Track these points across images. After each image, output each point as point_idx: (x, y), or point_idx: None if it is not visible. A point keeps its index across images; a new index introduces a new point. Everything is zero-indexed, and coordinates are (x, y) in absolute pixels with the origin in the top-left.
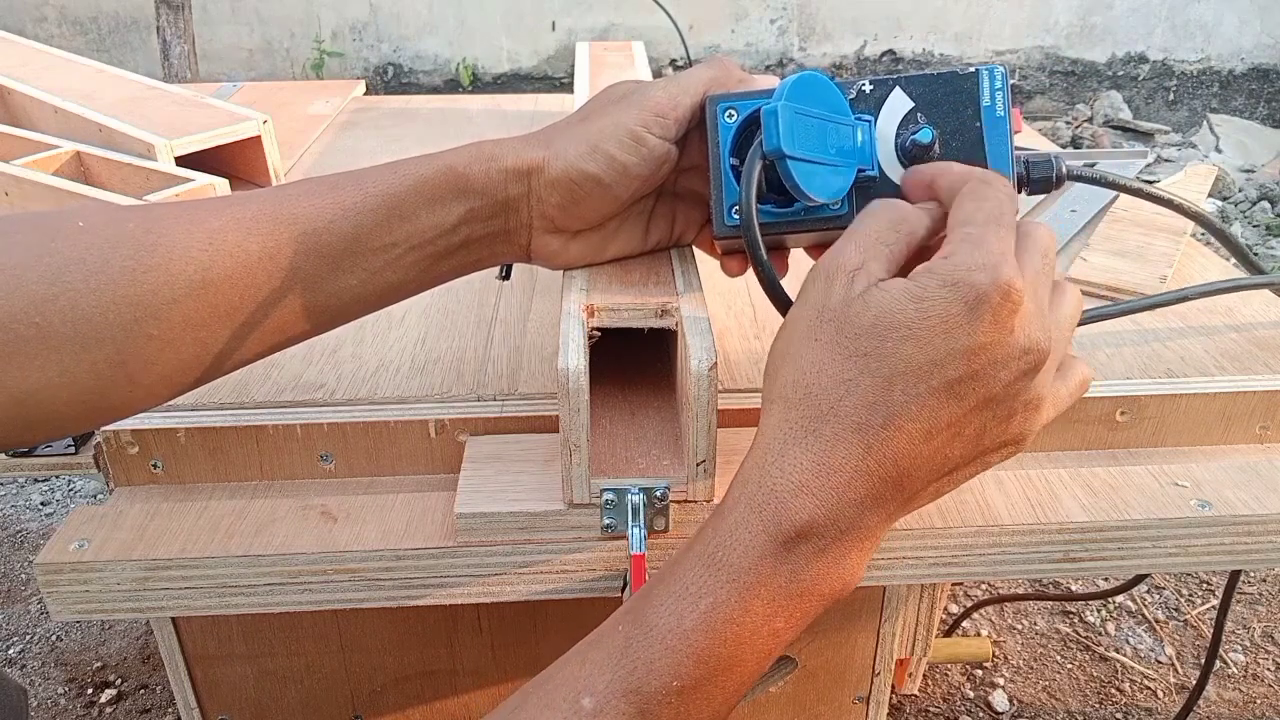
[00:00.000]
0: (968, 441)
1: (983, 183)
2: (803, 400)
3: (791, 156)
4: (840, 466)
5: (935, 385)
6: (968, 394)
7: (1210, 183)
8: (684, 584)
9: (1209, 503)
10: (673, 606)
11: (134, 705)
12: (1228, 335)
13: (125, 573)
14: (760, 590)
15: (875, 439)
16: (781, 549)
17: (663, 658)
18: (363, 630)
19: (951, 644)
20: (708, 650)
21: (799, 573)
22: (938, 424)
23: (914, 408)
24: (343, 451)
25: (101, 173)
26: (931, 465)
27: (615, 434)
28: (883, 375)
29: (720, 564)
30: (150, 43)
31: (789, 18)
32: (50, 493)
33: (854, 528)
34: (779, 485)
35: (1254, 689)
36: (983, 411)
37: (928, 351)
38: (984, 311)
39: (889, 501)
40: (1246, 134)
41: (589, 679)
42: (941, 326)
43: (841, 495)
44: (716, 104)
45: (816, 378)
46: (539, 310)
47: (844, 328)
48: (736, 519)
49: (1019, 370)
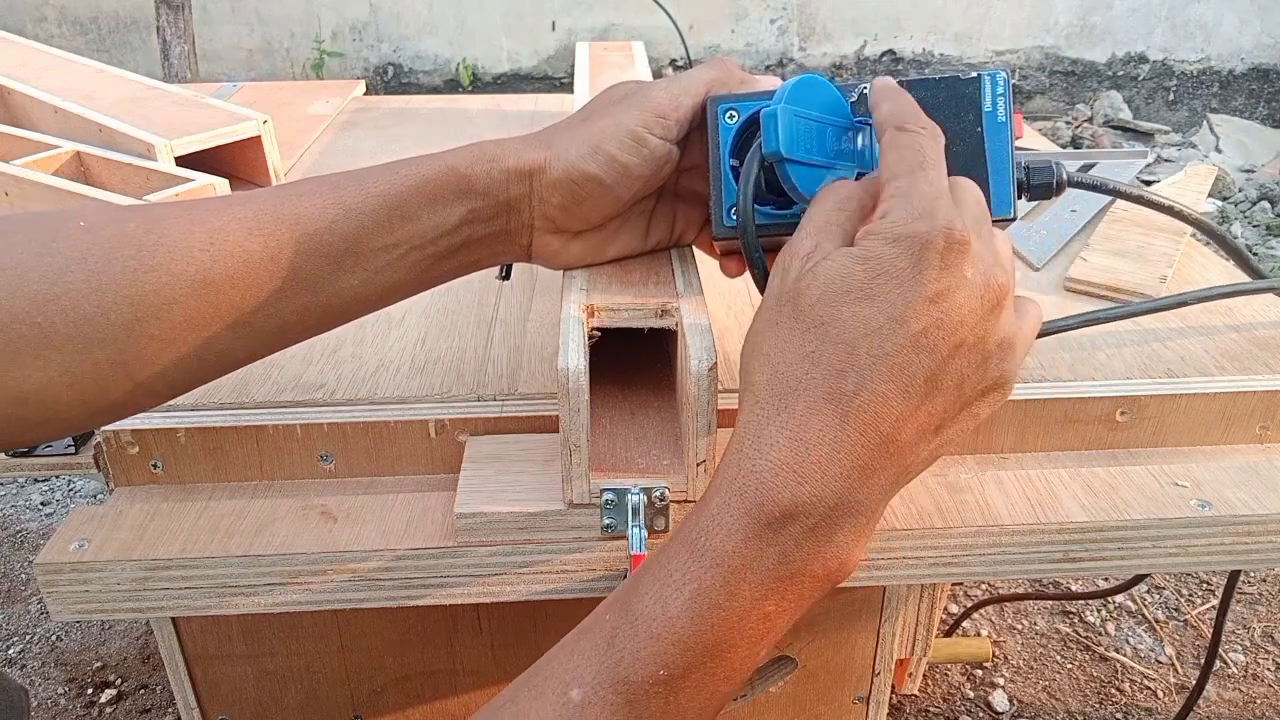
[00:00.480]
0: (949, 394)
1: (899, 130)
2: (771, 381)
3: (790, 159)
4: (818, 440)
5: (901, 341)
6: (936, 344)
7: (1210, 183)
8: (668, 571)
9: (1209, 503)
10: (657, 594)
11: (134, 705)
12: (1228, 335)
13: (125, 573)
14: (746, 574)
15: (849, 406)
16: (766, 530)
17: (648, 646)
18: (363, 630)
19: (951, 644)
20: (694, 638)
21: (788, 554)
22: (913, 380)
23: (883, 368)
24: (343, 451)
25: (101, 173)
26: (916, 425)
27: (615, 434)
28: (844, 341)
29: (703, 550)
30: (150, 43)
31: (789, 18)
32: (50, 493)
33: (844, 503)
34: (758, 467)
35: (1254, 689)
36: (956, 359)
37: (884, 309)
38: (931, 258)
39: (879, 471)
40: (1246, 134)
41: (577, 670)
42: (893, 282)
43: (824, 470)
44: (717, 105)
45: (781, 356)
46: (539, 310)
47: (798, 302)
48: (718, 504)
49: (983, 310)
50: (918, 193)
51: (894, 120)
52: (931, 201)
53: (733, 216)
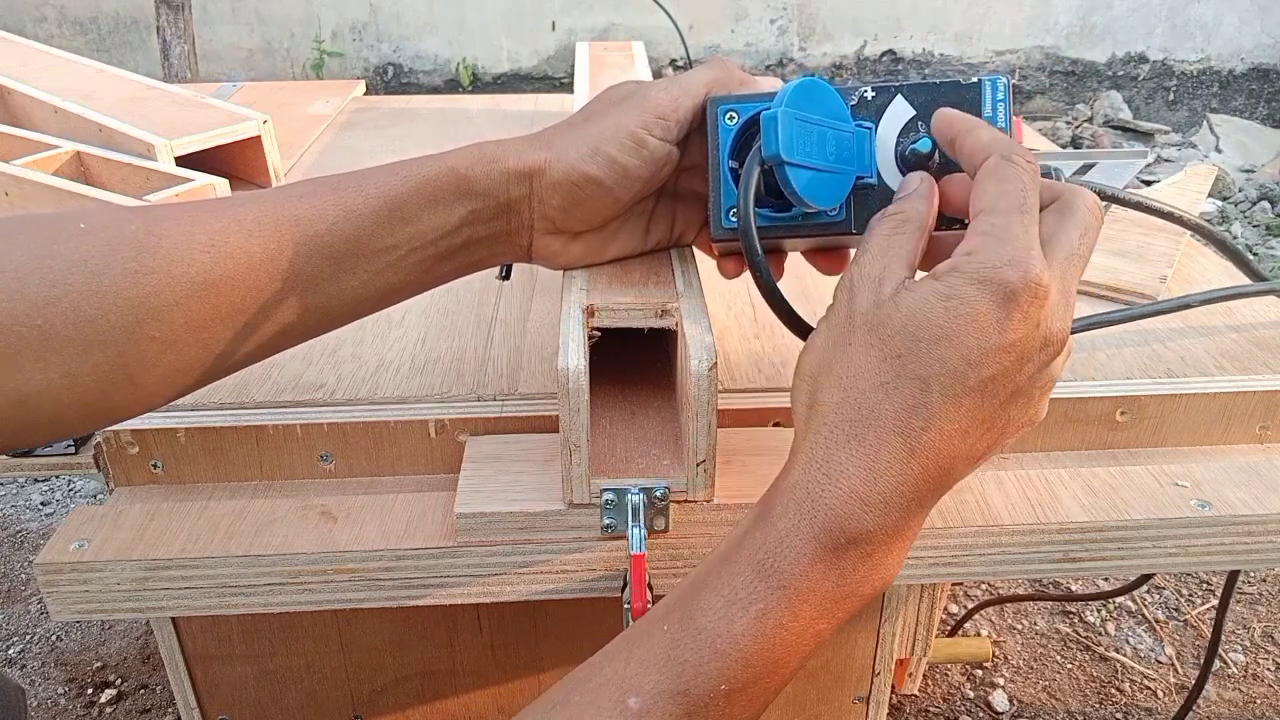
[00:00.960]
0: (996, 432)
1: (1004, 161)
2: (841, 404)
3: (790, 163)
4: (886, 471)
5: (971, 385)
6: (999, 390)
7: (1210, 183)
8: (733, 589)
9: (1209, 503)
10: (723, 611)
11: (134, 705)
12: (1228, 335)
13: (125, 573)
14: (809, 596)
15: (918, 442)
16: (832, 555)
17: (711, 661)
18: (363, 630)
19: (951, 644)
20: (756, 654)
21: (846, 577)
22: (974, 422)
23: (951, 409)
24: (343, 451)
25: (101, 173)
26: (967, 460)
27: (615, 434)
28: (920, 377)
29: (771, 571)
30: (150, 43)
31: (789, 18)
32: (50, 493)
33: (899, 532)
34: (828, 493)
35: (1254, 689)
36: (1010, 404)
37: (961, 352)
38: (1014, 309)
39: (930, 499)
40: (1246, 134)
41: (635, 679)
42: (973, 327)
43: (889, 500)
44: (717, 106)
45: (854, 382)
46: (539, 310)
47: (877, 330)
48: (787, 526)
49: (1042, 361)
50: (1012, 238)
51: (1001, 149)
52: (1024, 250)
53: (732, 218)
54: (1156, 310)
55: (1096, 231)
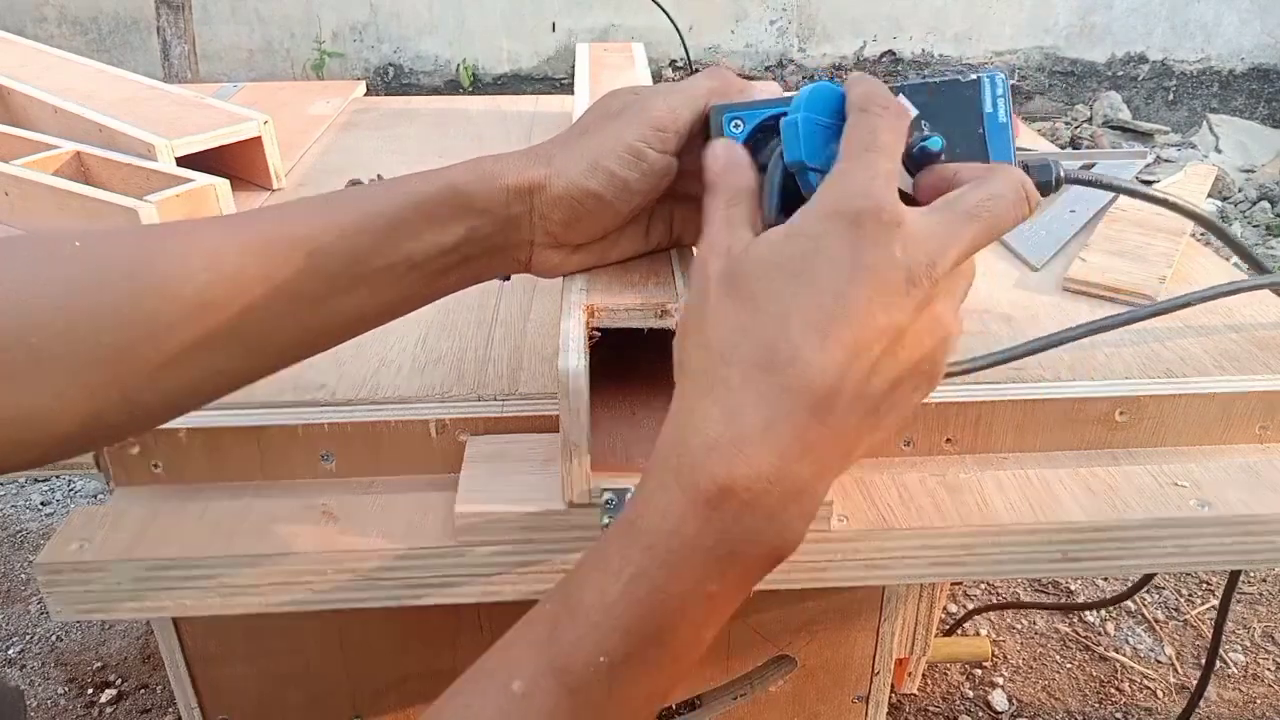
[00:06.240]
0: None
1: (859, 112)
2: (703, 355)
3: (812, 168)
4: (752, 410)
5: (834, 313)
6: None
7: (1210, 183)
8: (605, 557)
9: (1209, 503)
10: (596, 581)
11: (134, 705)
12: (1227, 335)
13: (126, 573)
14: (686, 554)
15: (782, 375)
16: (704, 508)
17: (588, 634)
18: (363, 630)
19: (951, 643)
20: (634, 623)
21: (727, 531)
22: (852, 355)
23: (817, 339)
24: (343, 451)
25: (101, 173)
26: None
27: (615, 434)
28: (777, 313)
29: (639, 531)
30: (150, 43)
31: (789, 18)
32: (50, 493)
33: (782, 478)
34: (691, 441)
35: (1254, 689)
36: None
37: (817, 282)
38: (860, 233)
39: (816, 446)
40: (1246, 134)
41: (518, 661)
42: (822, 256)
43: (760, 443)
44: (722, 114)
45: (715, 330)
46: (539, 310)
47: (730, 281)
48: (653, 485)
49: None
50: (853, 173)
51: (859, 102)
52: (868, 182)
53: None
54: (1156, 311)
55: (1010, 205)
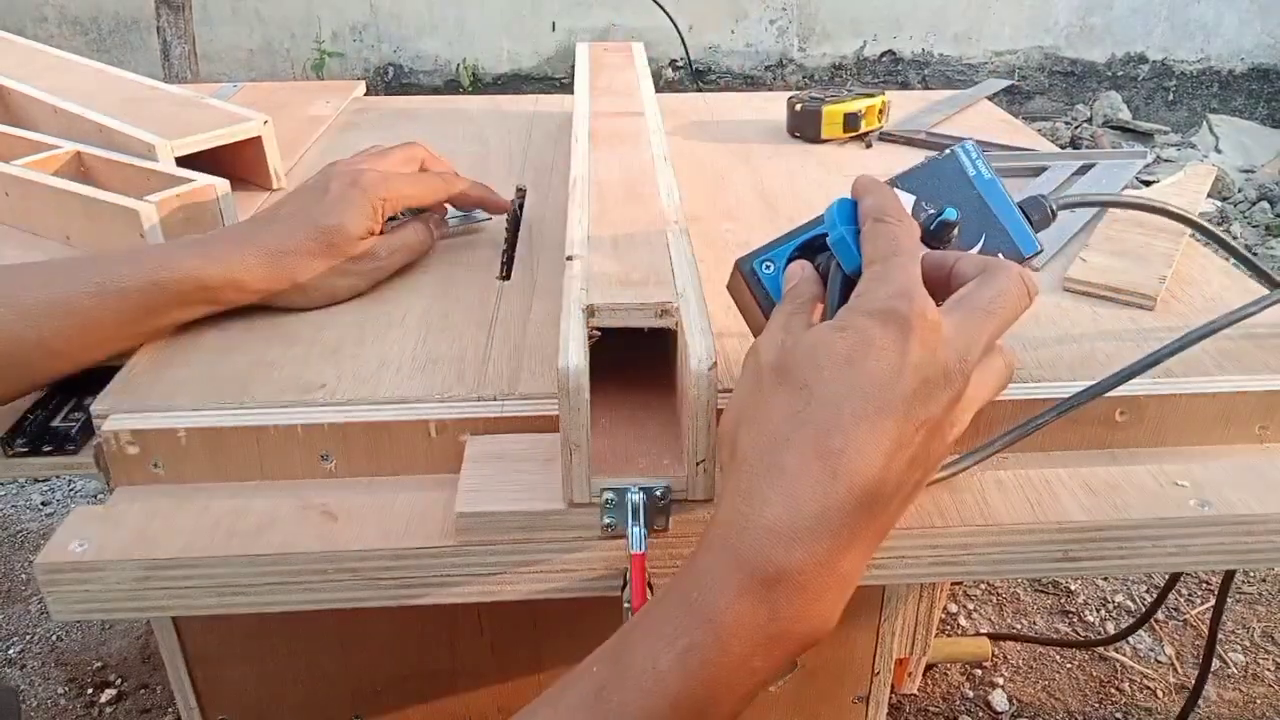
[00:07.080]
0: (920, 465)
1: (875, 222)
2: (758, 441)
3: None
4: (809, 497)
5: (881, 405)
6: (914, 414)
7: (1210, 183)
8: (659, 625)
9: (1209, 503)
10: (648, 648)
11: (134, 705)
12: (1227, 335)
13: (125, 573)
14: (739, 631)
15: (838, 464)
16: (760, 588)
17: (637, 700)
18: (363, 630)
19: (951, 643)
20: (683, 692)
21: (778, 612)
22: (896, 445)
23: (866, 429)
24: (343, 451)
25: (101, 173)
26: (896, 489)
27: (615, 434)
28: (829, 401)
29: (696, 605)
30: (150, 43)
31: (789, 18)
32: (50, 493)
33: (831, 564)
34: (752, 524)
35: (1254, 689)
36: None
37: (866, 373)
38: (908, 334)
39: (862, 535)
40: (1246, 134)
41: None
42: (872, 350)
43: (814, 530)
44: (749, 264)
45: (769, 418)
46: (539, 310)
47: (783, 371)
48: (712, 560)
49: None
50: (892, 275)
51: (873, 213)
52: (909, 285)
53: None
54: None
55: (1016, 299)
